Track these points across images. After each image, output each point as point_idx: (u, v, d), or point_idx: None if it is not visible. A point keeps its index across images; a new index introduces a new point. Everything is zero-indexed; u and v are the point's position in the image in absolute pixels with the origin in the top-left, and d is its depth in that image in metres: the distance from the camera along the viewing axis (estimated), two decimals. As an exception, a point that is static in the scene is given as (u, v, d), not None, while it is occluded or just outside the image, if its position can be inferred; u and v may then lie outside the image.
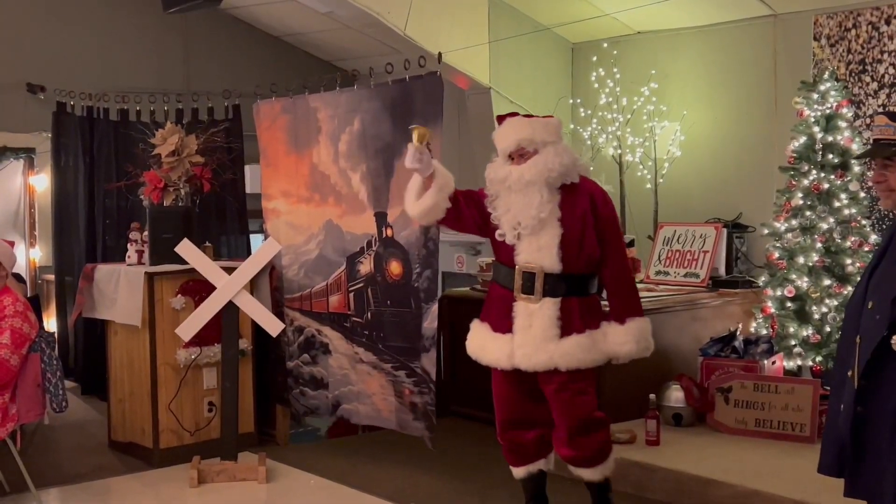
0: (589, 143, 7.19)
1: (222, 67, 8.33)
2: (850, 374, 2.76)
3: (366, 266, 5.50)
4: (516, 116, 4.26)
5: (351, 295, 5.58)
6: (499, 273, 4.24)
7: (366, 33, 7.80)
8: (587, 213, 4.10)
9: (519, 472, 4.30)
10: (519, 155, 4.10)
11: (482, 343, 4.24)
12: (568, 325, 4.06)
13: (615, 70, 7.15)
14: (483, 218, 4.22)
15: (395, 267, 5.35)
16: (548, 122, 4.24)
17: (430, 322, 5.07)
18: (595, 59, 7.32)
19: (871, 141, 2.77)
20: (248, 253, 6.70)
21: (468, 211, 4.25)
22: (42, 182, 7.82)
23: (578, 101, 7.49)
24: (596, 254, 4.13)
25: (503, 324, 4.14)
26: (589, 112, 7.27)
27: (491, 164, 4.26)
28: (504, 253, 4.17)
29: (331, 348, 5.70)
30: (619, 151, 7.07)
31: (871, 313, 2.73)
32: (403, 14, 6.98)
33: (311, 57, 8.94)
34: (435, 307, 5.08)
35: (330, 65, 8.88)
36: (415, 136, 4.13)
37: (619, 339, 4.11)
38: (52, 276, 7.54)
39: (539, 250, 4.05)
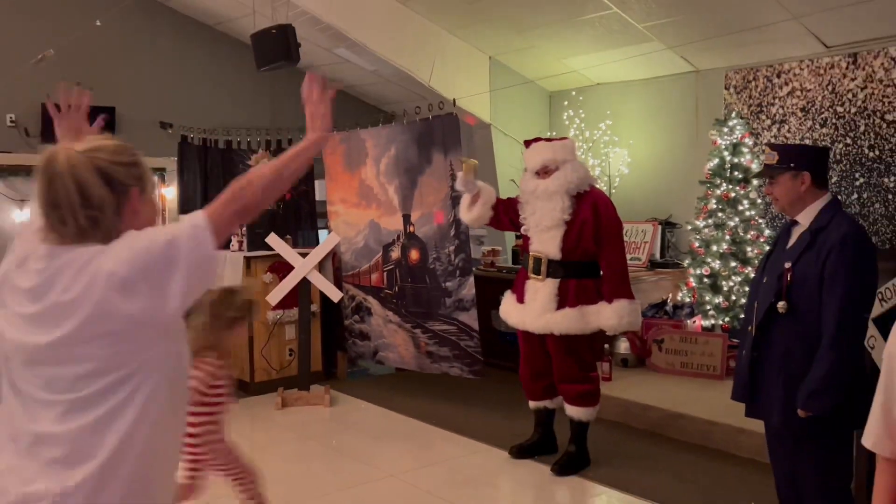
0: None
1: (298, 108, 8.31)
2: (749, 328, 2.76)
3: (395, 253, 5.50)
4: (540, 141, 3.99)
5: (385, 273, 5.60)
6: (524, 259, 4.08)
7: (401, 85, 7.78)
8: (588, 216, 3.81)
9: (531, 404, 4.18)
10: (544, 171, 3.87)
11: (509, 309, 4.07)
12: (563, 300, 3.82)
13: (581, 111, 7.12)
14: (517, 219, 4.04)
15: (414, 254, 5.35)
16: (565, 144, 3.97)
17: (469, 290, 5.01)
18: (566, 103, 7.28)
19: (763, 165, 2.76)
20: (318, 243, 6.72)
21: (505, 217, 4.10)
22: (170, 193, 7.85)
23: (554, 133, 7.46)
24: (591, 248, 3.83)
25: (521, 296, 3.98)
26: (562, 141, 7.25)
27: (522, 178, 4.07)
28: (525, 244, 4.04)
29: (372, 311, 5.72)
30: (584, 170, 7.05)
31: (765, 286, 2.72)
32: (428, 70, 6.98)
33: (362, 102, 8.92)
34: (471, 279, 5.03)
35: (375, 108, 8.87)
36: (463, 169, 4.04)
37: (606, 315, 3.80)
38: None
39: (545, 242, 3.85)
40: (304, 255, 5.43)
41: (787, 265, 2.63)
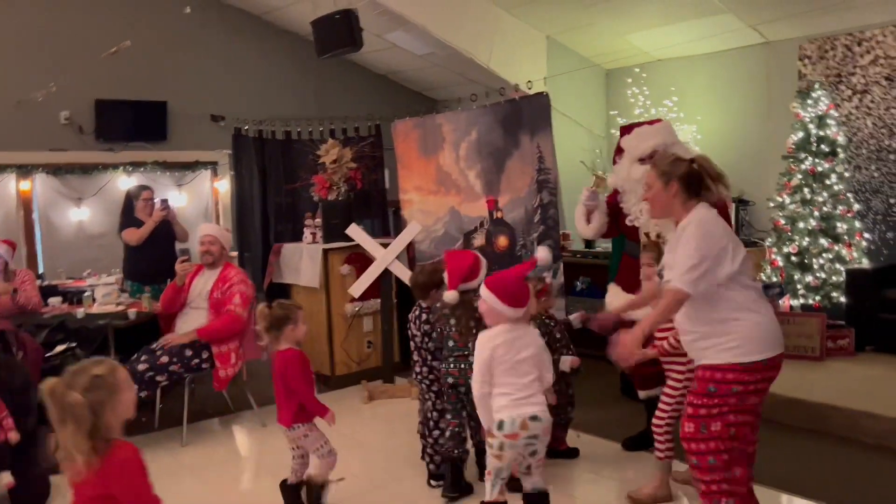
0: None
1: (343, 97, 8.13)
2: None
3: (479, 240, 5.32)
4: (641, 126, 3.80)
5: None
6: (630, 247, 3.87)
7: (448, 68, 7.56)
8: None
9: (641, 394, 3.90)
10: (650, 157, 3.59)
11: (612, 300, 3.84)
12: None
13: (644, 88, 6.90)
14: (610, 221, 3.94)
15: (502, 241, 5.16)
16: (665, 126, 3.81)
17: (558, 279, 4.77)
18: (629, 80, 7.06)
19: None
20: (387, 229, 6.54)
21: (612, 219, 3.94)
22: (223, 186, 7.69)
23: (615, 112, 7.25)
24: None
25: (633, 286, 3.68)
26: (626, 121, 7.03)
27: (618, 167, 3.82)
28: (632, 232, 3.85)
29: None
30: (648, 149, 6.85)
31: None
32: (484, 52, 6.77)
33: (405, 88, 8.71)
34: (560, 267, 4.79)
35: (419, 94, 8.66)
36: (596, 183, 3.94)
37: None
38: (234, 253, 7.42)
39: (662, 224, 3.59)
40: (382, 245, 5.26)
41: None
